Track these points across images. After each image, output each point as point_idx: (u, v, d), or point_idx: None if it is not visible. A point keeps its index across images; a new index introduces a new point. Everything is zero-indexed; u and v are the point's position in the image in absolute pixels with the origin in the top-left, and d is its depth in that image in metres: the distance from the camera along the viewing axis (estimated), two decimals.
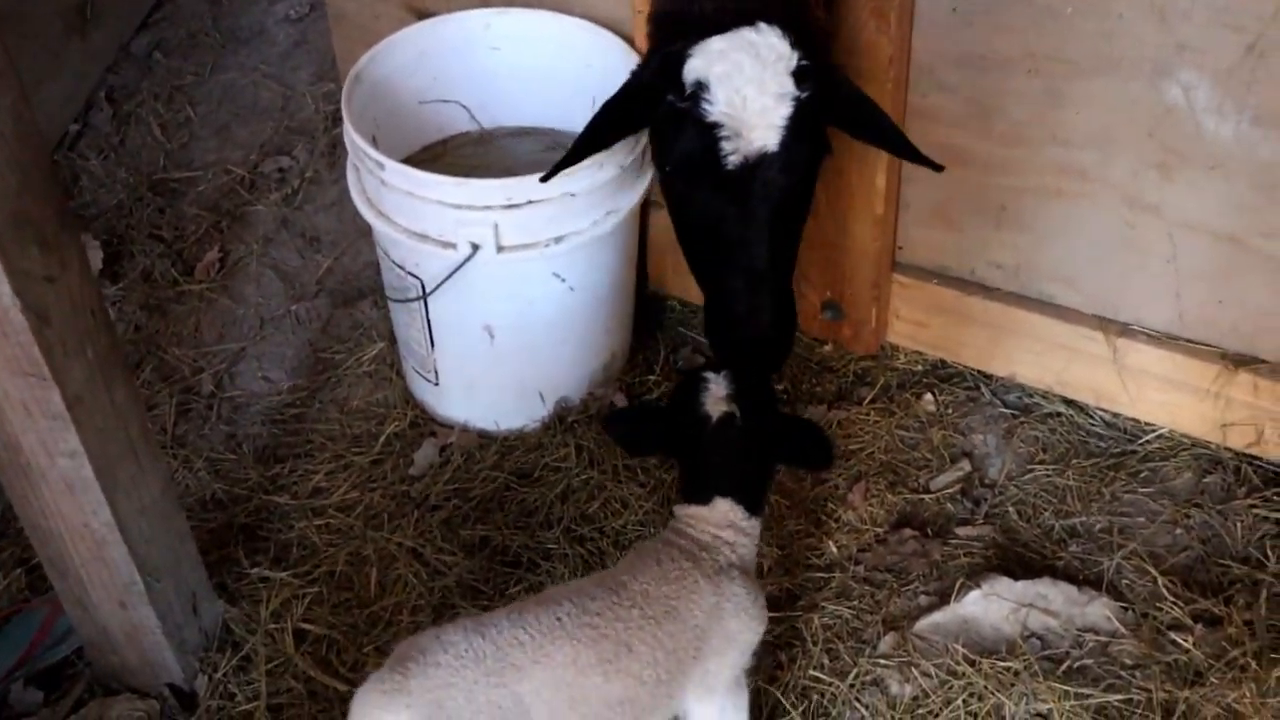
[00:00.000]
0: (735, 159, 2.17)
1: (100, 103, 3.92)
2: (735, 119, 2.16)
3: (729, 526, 2.24)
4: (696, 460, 2.27)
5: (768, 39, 2.18)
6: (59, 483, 2.25)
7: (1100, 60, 2.49)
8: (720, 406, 2.22)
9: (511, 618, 2.06)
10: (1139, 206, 2.62)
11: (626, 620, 2.09)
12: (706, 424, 2.22)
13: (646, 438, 2.35)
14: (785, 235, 2.28)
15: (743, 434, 2.22)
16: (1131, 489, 2.80)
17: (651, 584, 2.15)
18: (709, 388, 2.23)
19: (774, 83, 2.16)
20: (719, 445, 2.23)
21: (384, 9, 3.36)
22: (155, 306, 3.38)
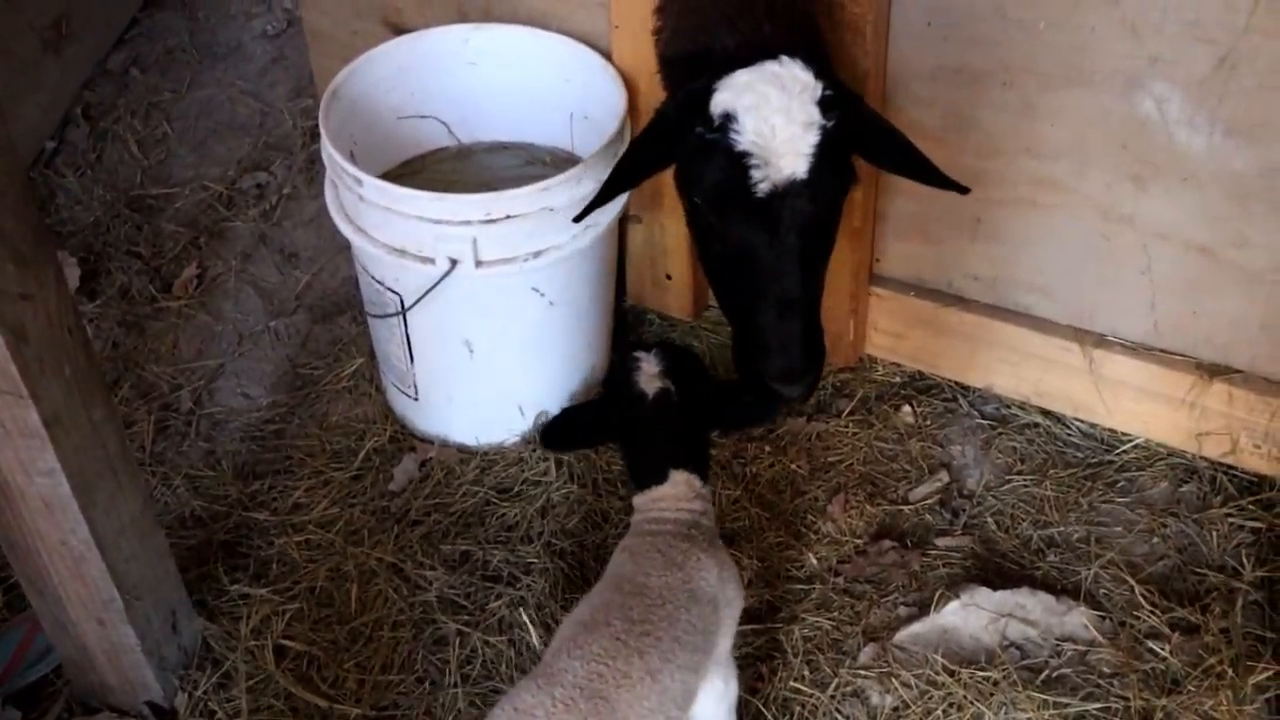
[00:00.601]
0: (765, 187, 2.18)
1: (77, 119, 3.91)
2: (764, 148, 2.17)
3: (695, 497, 2.29)
4: (642, 441, 2.30)
5: (791, 70, 2.20)
6: (36, 501, 2.24)
7: (1073, 73, 2.51)
8: (655, 383, 2.28)
9: (573, 654, 2.05)
10: (1113, 218, 2.64)
11: (667, 617, 2.12)
12: (644, 402, 2.26)
13: (584, 434, 2.39)
14: (814, 264, 2.28)
15: (682, 406, 2.27)
16: (1109, 499, 2.82)
17: (667, 574, 2.18)
18: (640, 366, 2.29)
19: (801, 112, 2.18)
20: (662, 420, 2.28)
21: (361, 25, 3.37)
22: (133, 323, 3.37)
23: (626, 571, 2.21)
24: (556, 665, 2.05)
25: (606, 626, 2.09)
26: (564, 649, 2.08)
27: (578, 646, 2.07)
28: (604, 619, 2.11)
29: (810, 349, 2.26)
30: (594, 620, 2.12)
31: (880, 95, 2.71)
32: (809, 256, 2.25)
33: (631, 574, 2.19)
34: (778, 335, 2.24)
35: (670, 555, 2.21)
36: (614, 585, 2.19)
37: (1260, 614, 2.59)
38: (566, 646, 2.08)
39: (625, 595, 2.15)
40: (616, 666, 2.04)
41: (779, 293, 2.23)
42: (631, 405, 2.26)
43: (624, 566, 2.23)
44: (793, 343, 2.24)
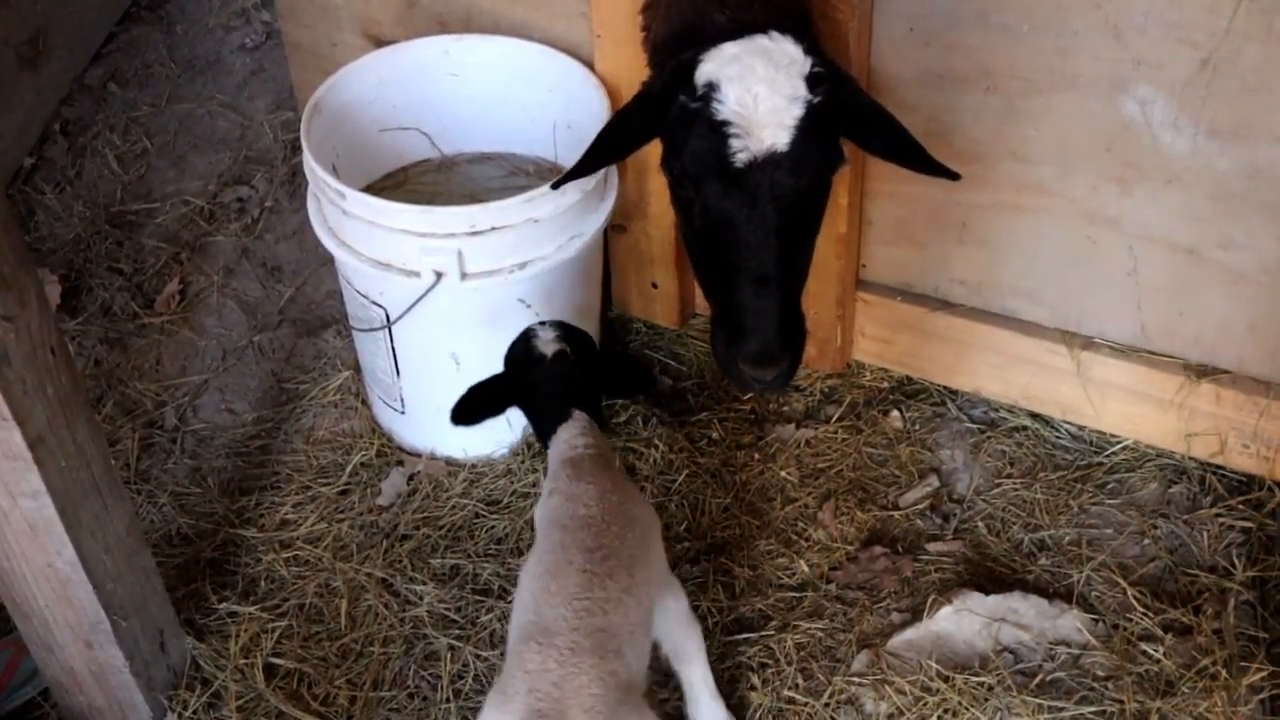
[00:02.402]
0: (744, 156, 2.15)
1: (55, 136, 3.89)
2: (746, 117, 2.14)
3: (596, 431, 2.40)
4: (545, 393, 2.44)
5: (781, 45, 2.18)
6: (21, 523, 2.22)
7: (1057, 77, 2.51)
8: (552, 346, 2.42)
9: (554, 603, 2.10)
10: (1099, 220, 2.64)
11: (616, 538, 2.20)
12: (544, 361, 2.42)
13: (489, 402, 2.46)
14: (795, 243, 2.23)
15: (578, 362, 2.43)
16: (1099, 501, 2.82)
17: (602, 501, 2.26)
18: (539, 335, 2.44)
19: (787, 84, 2.15)
20: (561, 372, 2.42)
21: (341, 37, 3.35)
22: (115, 340, 3.34)
23: (565, 510, 2.26)
24: (544, 619, 2.08)
25: (570, 565, 2.14)
26: (541, 603, 2.11)
27: (555, 594, 2.11)
28: (565, 559, 2.16)
29: (786, 333, 2.20)
30: (556, 565, 2.16)
31: None
32: (788, 233, 2.20)
33: (571, 510, 2.25)
34: (753, 314, 2.19)
35: (599, 484, 2.29)
36: (558, 527, 2.23)
37: (1252, 614, 2.59)
38: (542, 599, 2.11)
39: (574, 531, 2.21)
40: (597, 596, 2.10)
41: (756, 268, 2.19)
42: (533, 365, 2.42)
43: (560, 507, 2.27)
44: (768, 323, 2.18)
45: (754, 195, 2.16)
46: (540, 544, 2.25)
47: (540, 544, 2.25)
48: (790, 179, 2.16)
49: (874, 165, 2.79)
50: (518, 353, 2.46)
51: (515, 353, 2.47)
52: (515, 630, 2.14)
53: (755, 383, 2.22)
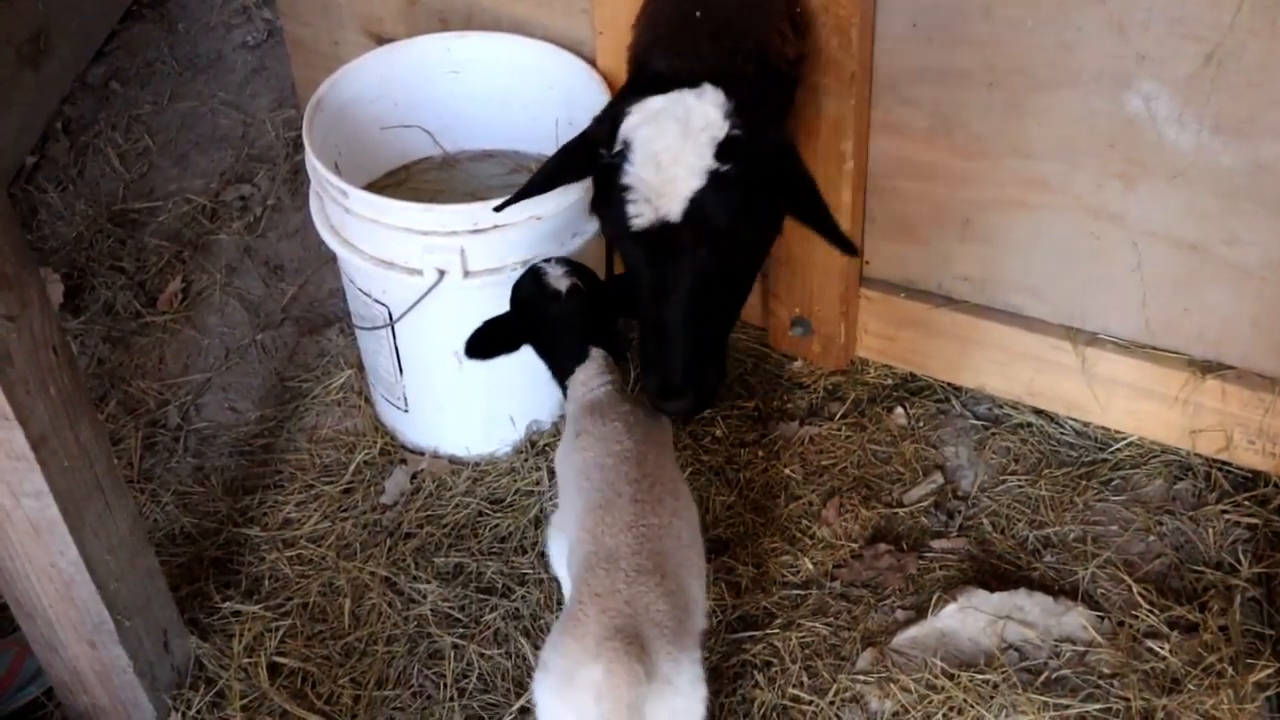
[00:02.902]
0: (639, 222, 2.21)
1: (57, 134, 3.88)
2: (645, 184, 2.19)
3: (613, 366, 2.41)
4: (563, 329, 2.42)
5: (703, 105, 2.20)
6: (24, 524, 2.22)
7: (1060, 72, 2.50)
8: (564, 281, 2.39)
9: (612, 533, 2.14)
10: (1103, 216, 2.63)
11: (655, 465, 2.28)
12: (559, 297, 2.38)
13: (503, 339, 2.46)
14: (701, 301, 2.26)
15: (592, 296, 2.41)
16: (1103, 497, 2.81)
17: (634, 434, 2.30)
18: (548, 271, 2.41)
19: (691, 154, 2.18)
20: (576, 308, 2.40)
21: (342, 35, 3.35)
22: (118, 339, 3.34)
23: (600, 450, 2.28)
24: (605, 547, 2.13)
25: (619, 497, 2.19)
26: (600, 533, 2.15)
27: (612, 524, 2.16)
28: (614, 493, 2.21)
29: (691, 372, 2.28)
30: (605, 499, 2.20)
31: (867, 97, 2.70)
32: (691, 293, 2.25)
33: (606, 448, 2.28)
34: (655, 353, 2.29)
35: (625, 418, 2.32)
36: (597, 468, 2.26)
37: (1258, 611, 2.59)
38: (600, 530, 2.16)
39: (615, 467, 2.25)
40: (651, 522, 2.17)
41: (655, 317, 2.27)
42: (548, 302, 2.39)
43: (591, 447, 2.30)
44: (669, 364, 2.27)
45: (651, 257, 2.24)
46: (575, 489, 2.28)
47: (575, 489, 2.28)
48: (691, 246, 2.20)
49: (876, 162, 2.79)
50: (528, 291, 2.44)
51: (526, 291, 2.44)
52: (578, 564, 2.17)
53: (663, 410, 2.36)
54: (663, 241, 2.20)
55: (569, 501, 2.34)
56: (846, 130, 2.69)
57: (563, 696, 2.03)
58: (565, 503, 2.38)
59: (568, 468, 2.36)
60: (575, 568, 2.18)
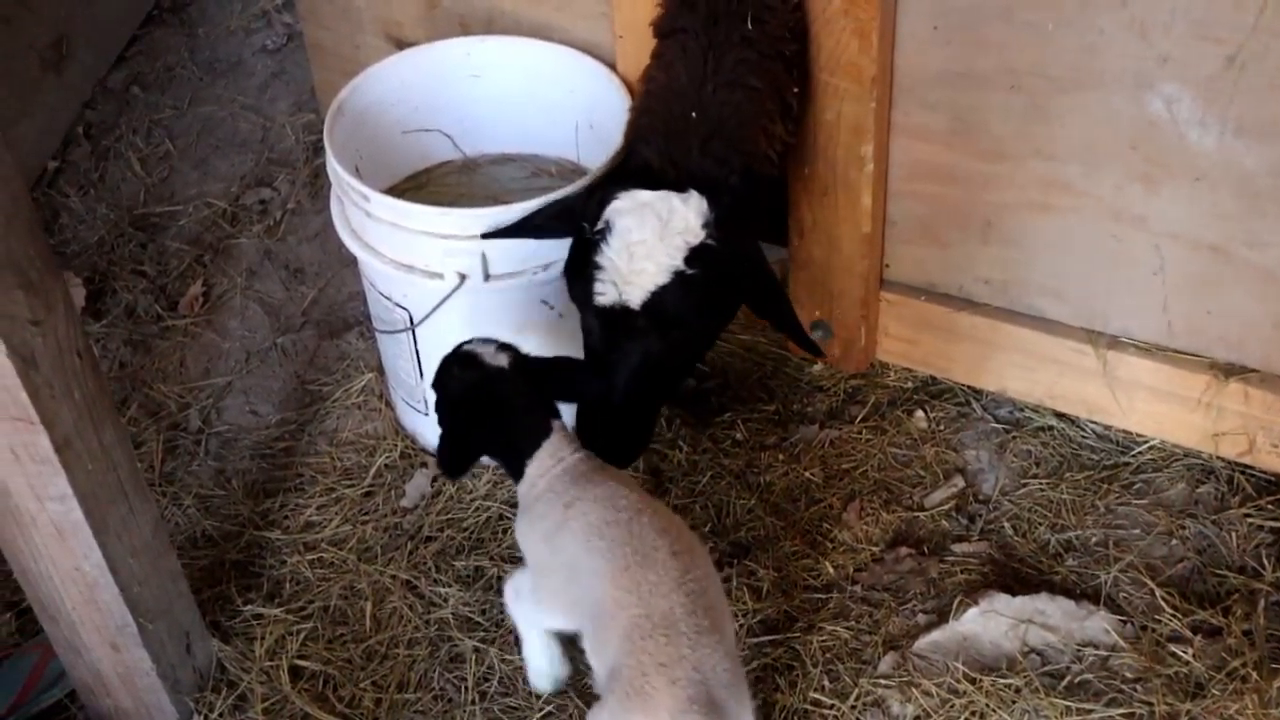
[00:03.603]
0: (602, 300, 2.34)
1: (78, 139, 3.90)
2: (615, 268, 2.32)
3: (574, 437, 2.40)
4: (520, 407, 2.35)
5: (686, 211, 2.33)
6: (49, 527, 2.23)
7: (1082, 75, 2.49)
8: (503, 356, 2.36)
9: (660, 592, 2.09)
10: (1125, 219, 2.62)
11: (665, 518, 2.25)
12: (505, 374, 2.34)
13: (471, 445, 2.41)
14: (640, 381, 2.38)
15: (531, 368, 2.38)
16: (1125, 501, 2.80)
17: (630, 491, 2.28)
18: (481, 352, 2.36)
19: (663, 253, 2.31)
20: (527, 382, 2.36)
21: (363, 39, 3.36)
22: (139, 343, 3.35)
23: (606, 511, 2.23)
24: (657, 610, 2.07)
25: (656, 552, 2.14)
26: (646, 595, 2.09)
27: (657, 585, 2.10)
28: (646, 549, 2.15)
29: (623, 444, 2.45)
30: (640, 557, 2.14)
31: (887, 100, 2.69)
32: (638, 372, 2.37)
33: (614, 505, 2.23)
34: (592, 422, 2.43)
35: (619, 476, 2.33)
36: (606, 525, 2.20)
37: None
38: (647, 590, 2.10)
39: (632, 520, 2.19)
40: (697, 575, 2.13)
41: (599, 389, 2.39)
42: (496, 384, 2.34)
43: (592, 511, 2.24)
44: (604, 434, 2.42)
45: (606, 333, 2.36)
46: (584, 555, 2.20)
47: (584, 555, 2.20)
48: (643, 334, 2.33)
49: (897, 165, 2.78)
50: (469, 380, 2.35)
51: (464, 381, 2.36)
52: (621, 631, 2.09)
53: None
54: (619, 322, 2.34)
55: (565, 573, 2.26)
56: (866, 133, 2.69)
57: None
58: (555, 575, 2.30)
59: (562, 538, 2.26)
60: (614, 636, 2.10)
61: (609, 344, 2.37)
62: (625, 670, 2.05)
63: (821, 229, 2.85)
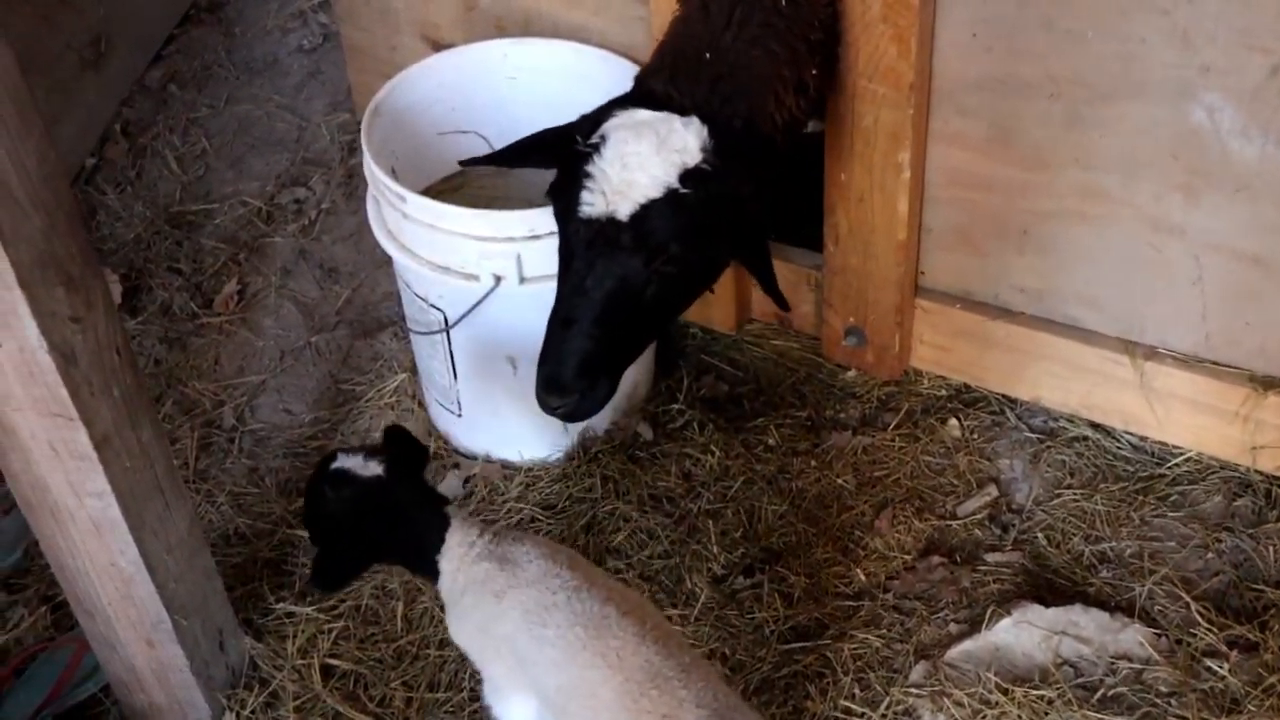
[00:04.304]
0: (587, 210, 2.28)
1: (115, 136, 3.93)
2: (605, 178, 2.27)
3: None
4: (412, 506, 2.24)
5: (686, 133, 2.30)
6: (86, 523, 2.24)
7: (1123, 83, 2.48)
8: (372, 465, 2.21)
9: (634, 647, 2.07)
10: (1163, 229, 2.60)
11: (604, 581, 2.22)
12: (383, 480, 2.20)
13: (355, 557, 2.28)
14: (614, 306, 2.31)
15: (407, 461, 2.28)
16: (1161, 513, 2.78)
17: (557, 554, 2.23)
18: (353, 464, 2.21)
19: (658, 167, 2.26)
20: (414, 479, 2.26)
21: (400, 40, 3.37)
22: (175, 340, 3.37)
23: (540, 597, 2.15)
24: (634, 667, 2.03)
25: (606, 620, 2.09)
26: (612, 664, 2.05)
27: (620, 648, 2.06)
28: (597, 620, 2.09)
29: (586, 374, 2.32)
30: (595, 630, 2.08)
31: (925, 107, 2.68)
32: (609, 296, 2.30)
33: (547, 592, 2.15)
34: (553, 347, 2.34)
35: (539, 547, 2.22)
36: (551, 612, 2.13)
37: None
38: (613, 659, 2.05)
39: (571, 605, 2.12)
40: (650, 623, 2.10)
41: (564, 311, 2.33)
42: (378, 494, 2.21)
43: (528, 600, 2.15)
44: (566, 359, 2.32)
45: (588, 247, 2.30)
46: (530, 643, 2.14)
47: (530, 643, 2.14)
48: (623, 249, 2.28)
49: (934, 172, 2.77)
50: (349, 495, 2.20)
51: (346, 497, 2.20)
52: (609, 707, 2.05)
53: (545, 406, 2.37)
54: (602, 235, 2.28)
55: (513, 659, 2.18)
56: (904, 140, 2.68)
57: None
58: (501, 662, 2.22)
59: (502, 628, 2.17)
60: (603, 712, 2.06)
61: (588, 263, 2.30)
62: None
63: (857, 235, 2.84)
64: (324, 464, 2.26)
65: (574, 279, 2.33)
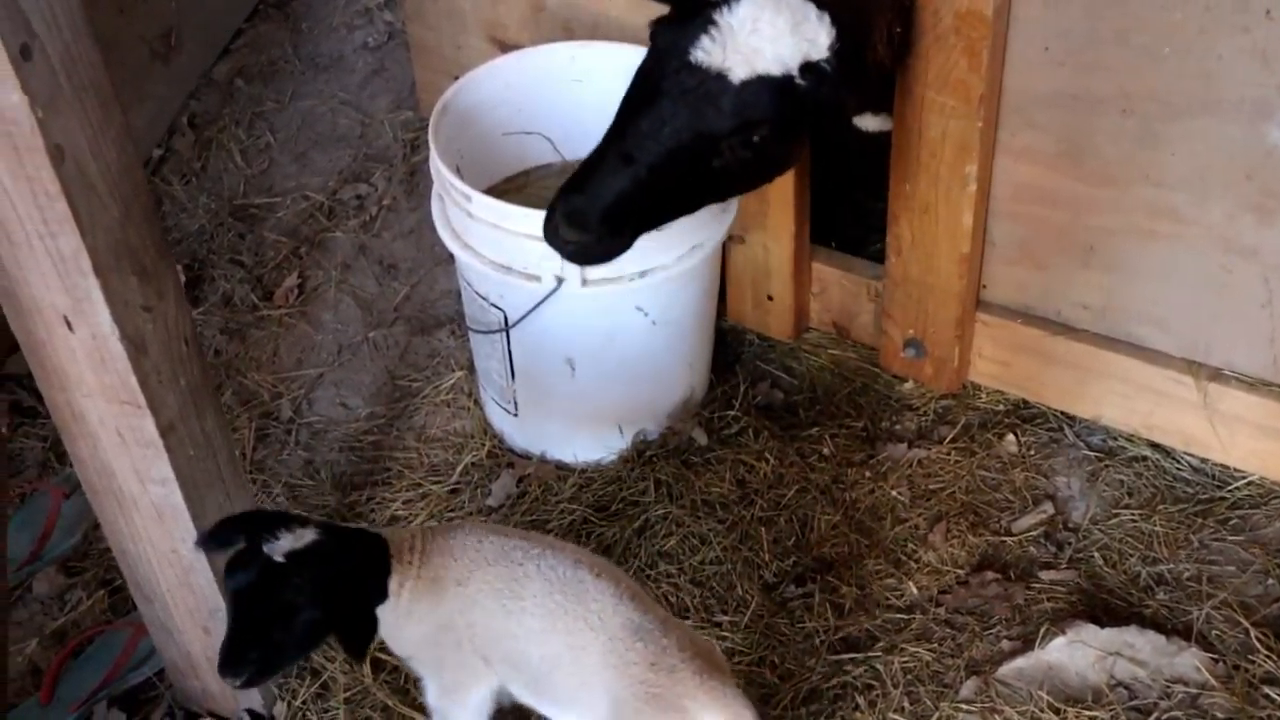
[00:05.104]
0: (700, 56, 2.22)
1: (183, 129, 3.97)
2: (732, 34, 2.21)
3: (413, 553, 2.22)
4: (358, 573, 2.13)
5: (819, 26, 2.25)
6: (149, 509, 2.27)
7: (1198, 101, 2.45)
8: (309, 534, 2.05)
9: (617, 608, 2.13)
10: (1234, 250, 2.57)
11: None
12: (310, 555, 2.03)
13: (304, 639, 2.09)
14: (678, 163, 2.25)
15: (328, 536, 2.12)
16: (1220, 536, 2.74)
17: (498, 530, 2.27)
18: (280, 540, 2.03)
19: (787, 46, 2.22)
20: (339, 547, 2.09)
21: (466, 40, 3.39)
22: (235, 331, 3.41)
23: (505, 571, 2.17)
24: (617, 628, 2.10)
25: (581, 583, 2.14)
26: (595, 626, 2.11)
27: (600, 610, 2.12)
28: (572, 584, 2.14)
29: (615, 215, 2.24)
30: (574, 595, 2.13)
31: (994, 120, 2.66)
32: (683, 150, 2.23)
33: (511, 563, 2.18)
34: (590, 173, 2.26)
35: (490, 535, 2.22)
36: (523, 584, 2.16)
37: None
38: (595, 621, 2.11)
39: (542, 573, 2.16)
40: (623, 585, 2.17)
41: (624, 145, 2.24)
42: (327, 562, 2.04)
43: (496, 578, 2.16)
44: (598, 191, 2.23)
45: (679, 91, 2.23)
46: (514, 614, 2.15)
47: (514, 614, 2.15)
48: (718, 110, 2.22)
49: (1000, 185, 2.75)
50: (311, 565, 2.02)
51: (311, 567, 2.02)
52: (597, 669, 2.10)
53: (553, 237, 2.29)
54: (704, 88, 2.22)
55: (491, 640, 2.18)
56: (971, 152, 2.66)
57: None
58: (469, 657, 2.21)
59: (471, 615, 2.17)
60: (590, 676, 2.10)
61: (674, 108, 2.22)
62: (628, 693, 2.07)
63: (920, 247, 2.83)
64: (248, 558, 2.00)
65: (651, 118, 2.24)
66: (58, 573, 2.87)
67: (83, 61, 1.84)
